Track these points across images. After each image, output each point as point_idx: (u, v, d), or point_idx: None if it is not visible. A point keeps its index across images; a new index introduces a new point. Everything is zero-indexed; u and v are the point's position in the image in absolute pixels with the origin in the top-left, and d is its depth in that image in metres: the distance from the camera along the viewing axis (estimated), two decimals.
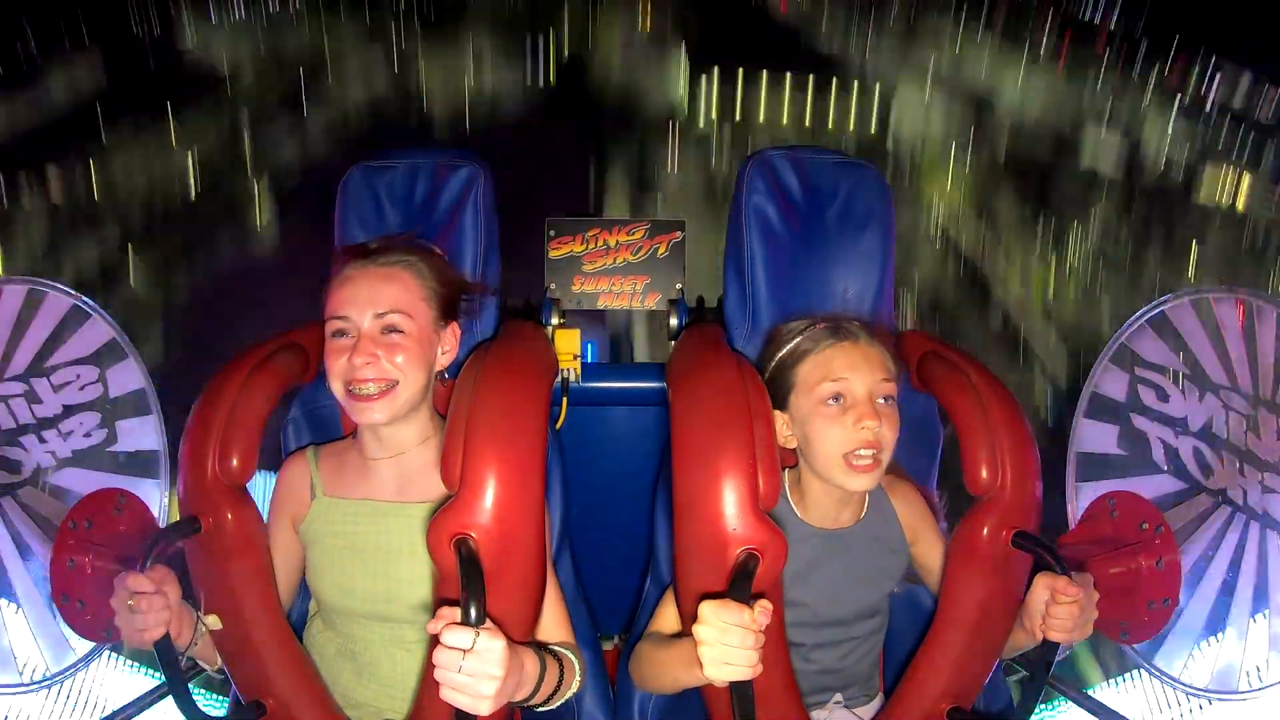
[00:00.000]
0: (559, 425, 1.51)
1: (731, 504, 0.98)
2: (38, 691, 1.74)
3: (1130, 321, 1.81)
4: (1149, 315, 1.78)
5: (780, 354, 1.22)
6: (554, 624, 1.16)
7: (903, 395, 1.20)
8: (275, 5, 3.82)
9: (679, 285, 1.67)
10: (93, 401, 1.76)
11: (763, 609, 0.91)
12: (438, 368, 1.21)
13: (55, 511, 1.71)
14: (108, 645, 1.71)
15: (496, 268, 1.46)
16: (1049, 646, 1.10)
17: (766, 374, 1.22)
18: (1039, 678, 1.12)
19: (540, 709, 1.07)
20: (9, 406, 1.73)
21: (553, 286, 1.66)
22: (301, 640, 1.22)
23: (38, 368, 1.74)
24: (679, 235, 1.68)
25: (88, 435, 1.76)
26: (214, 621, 1.12)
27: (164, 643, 1.03)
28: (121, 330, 1.78)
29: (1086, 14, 3.80)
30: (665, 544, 1.31)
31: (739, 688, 0.92)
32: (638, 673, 1.21)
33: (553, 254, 1.67)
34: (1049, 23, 3.86)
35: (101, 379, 1.76)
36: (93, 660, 1.75)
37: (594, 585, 1.41)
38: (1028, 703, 1.11)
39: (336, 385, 1.14)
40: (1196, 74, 3.65)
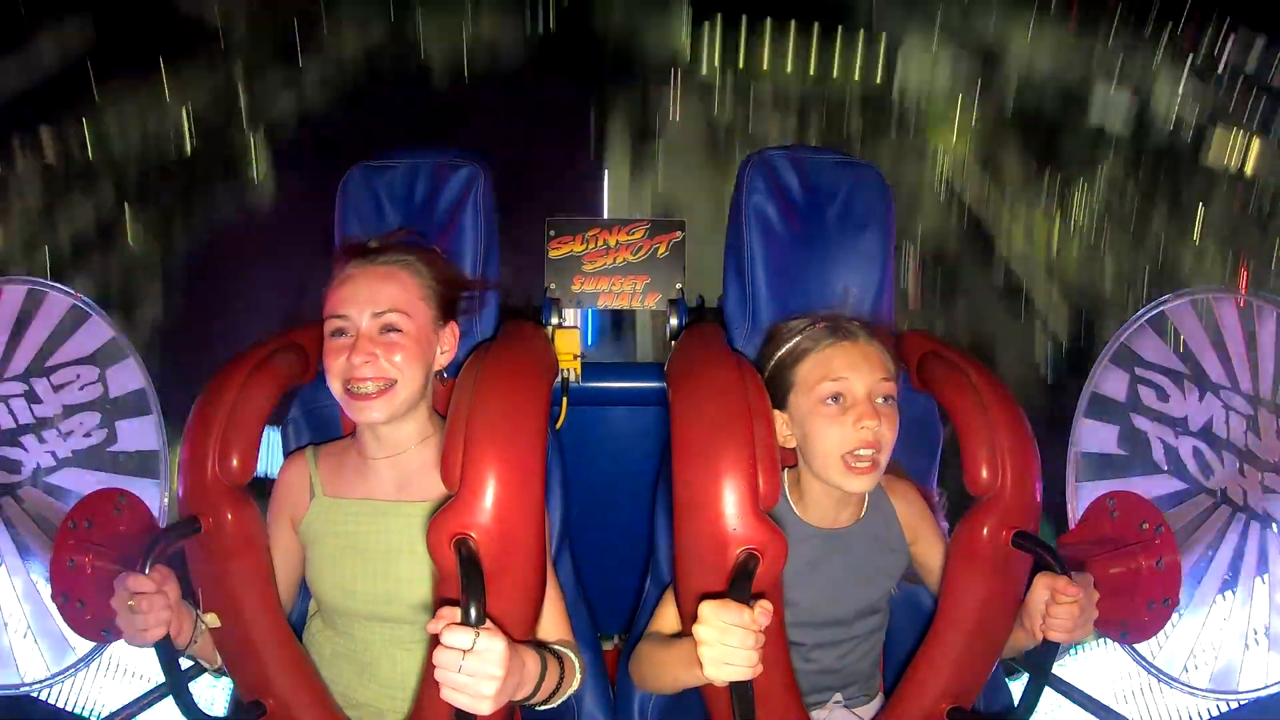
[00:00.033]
0: (559, 425, 1.51)
1: (731, 504, 0.98)
2: (38, 691, 1.75)
3: (1130, 321, 1.81)
4: (1149, 315, 1.78)
5: (780, 353, 1.21)
6: (554, 623, 1.16)
7: (903, 395, 1.20)
8: None
9: (679, 285, 1.67)
10: (93, 401, 1.76)
11: (763, 609, 0.91)
12: (436, 367, 1.21)
13: (55, 511, 1.71)
14: (107, 645, 1.70)
15: (496, 267, 1.45)
16: (1049, 646, 1.10)
17: (766, 373, 1.22)
18: (1039, 678, 1.12)
19: (541, 708, 1.08)
20: (9, 406, 1.74)
21: (553, 286, 1.66)
22: (301, 640, 1.22)
23: (38, 368, 1.74)
24: (679, 235, 1.68)
25: (88, 435, 1.76)
26: (213, 620, 1.12)
27: (164, 643, 1.03)
28: (121, 331, 1.78)
29: None
30: (665, 544, 1.31)
31: (739, 688, 0.92)
32: (638, 673, 1.21)
33: (553, 254, 1.67)
34: None
35: (101, 379, 1.76)
36: (93, 660, 1.75)
37: (594, 585, 1.41)
38: (1028, 702, 1.11)
39: (335, 384, 1.14)
40: (1209, 35, 3.60)
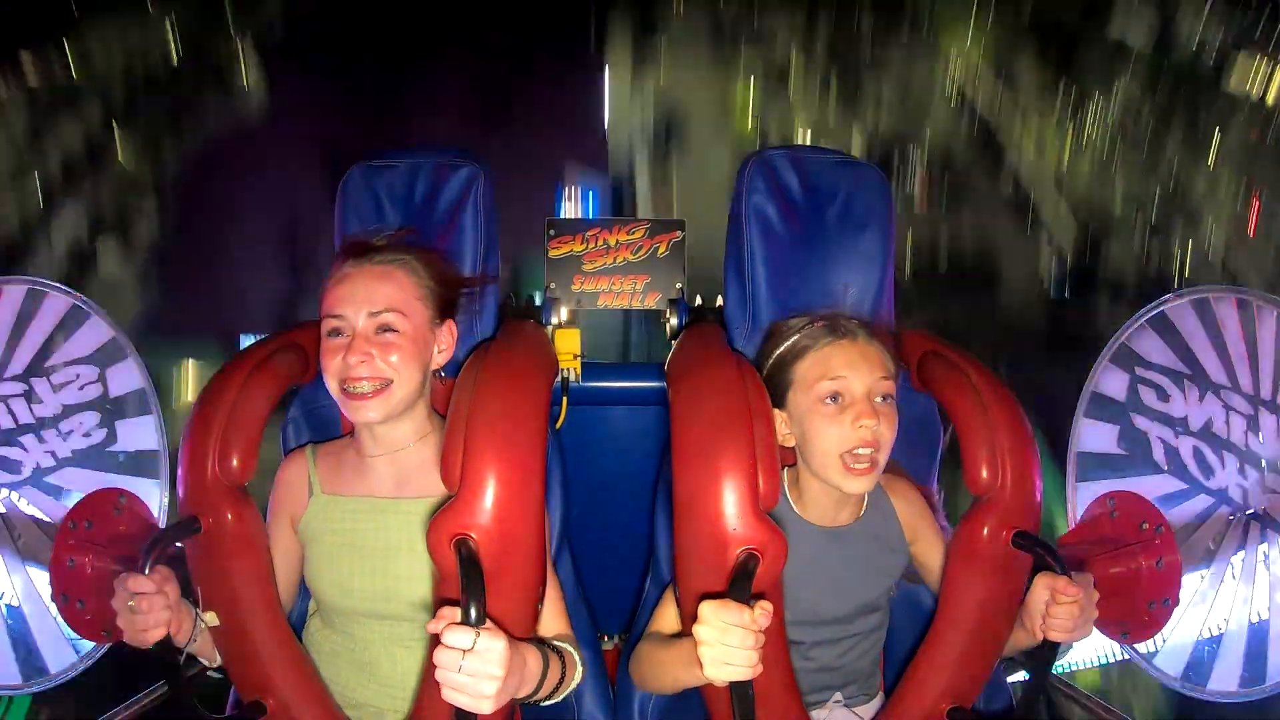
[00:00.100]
0: (559, 425, 1.51)
1: (731, 504, 0.98)
2: (38, 691, 1.75)
3: (1130, 321, 1.81)
4: (1149, 315, 1.78)
5: (779, 351, 1.21)
6: (553, 620, 1.17)
7: (902, 395, 1.20)
8: None
9: (679, 285, 1.67)
10: (92, 401, 1.76)
11: (763, 609, 0.91)
12: (434, 366, 1.21)
13: (55, 512, 1.71)
14: (107, 645, 1.70)
15: (496, 268, 1.46)
16: (1049, 646, 1.10)
17: (765, 371, 1.22)
18: (1039, 678, 1.12)
19: (542, 704, 1.08)
20: (9, 406, 1.73)
21: (553, 286, 1.66)
22: (301, 640, 1.22)
23: (38, 368, 1.74)
24: (679, 235, 1.68)
25: (87, 435, 1.76)
26: (212, 618, 1.12)
27: (165, 643, 1.03)
28: (122, 330, 1.78)
29: None
30: (665, 544, 1.31)
31: (739, 688, 0.92)
32: (638, 673, 1.21)
33: (553, 253, 1.68)
34: None
35: (101, 379, 1.76)
36: (93, 660, 1.75)
37: (594, 585, 1.41)
38: (1028, 702, 1.12)
39: (332, 384, 1.14)
40: None
